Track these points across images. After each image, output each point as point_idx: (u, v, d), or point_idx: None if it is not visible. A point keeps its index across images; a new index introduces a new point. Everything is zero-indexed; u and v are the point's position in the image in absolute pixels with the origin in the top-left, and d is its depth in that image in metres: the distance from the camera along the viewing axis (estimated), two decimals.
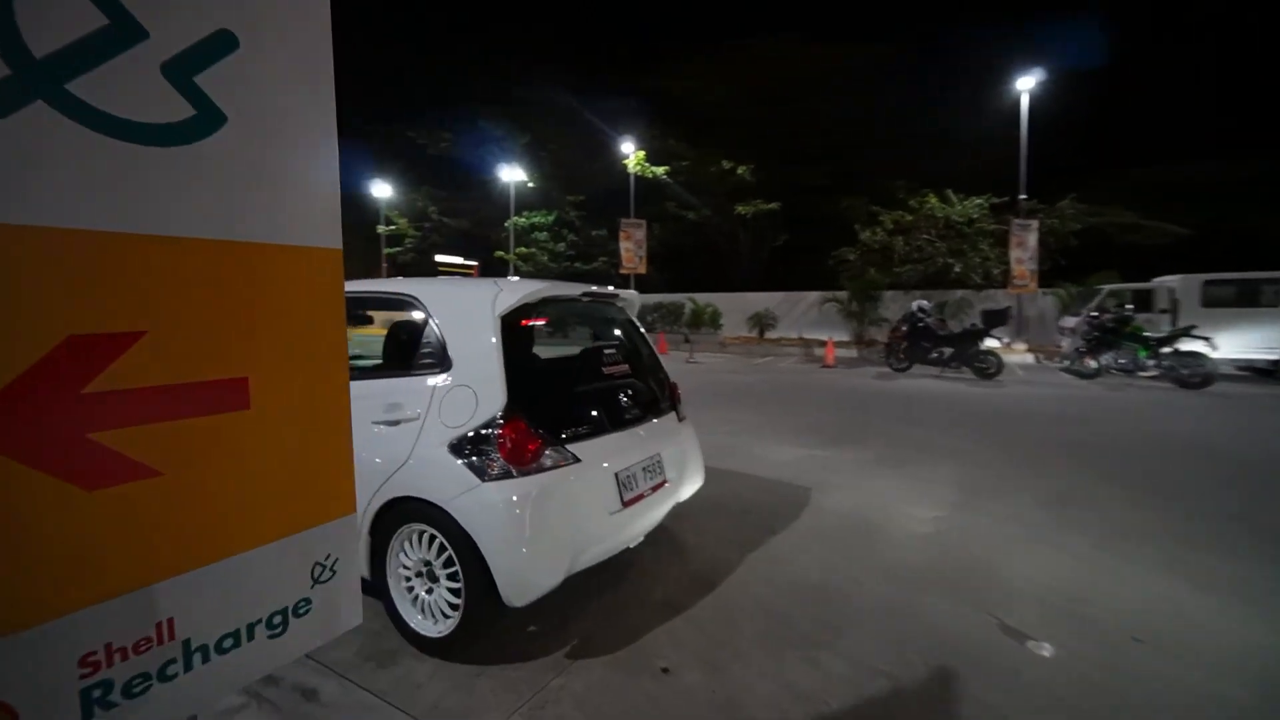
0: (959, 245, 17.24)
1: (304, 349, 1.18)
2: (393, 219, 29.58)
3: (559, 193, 27.27)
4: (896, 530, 3.65)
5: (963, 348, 11.06)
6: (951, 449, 5.68)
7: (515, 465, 2.23)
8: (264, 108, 1.08)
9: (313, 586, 1.21)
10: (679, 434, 3.20)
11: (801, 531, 3.62)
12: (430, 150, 29.00)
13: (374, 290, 2.85)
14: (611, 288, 3.14)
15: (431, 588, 2.33)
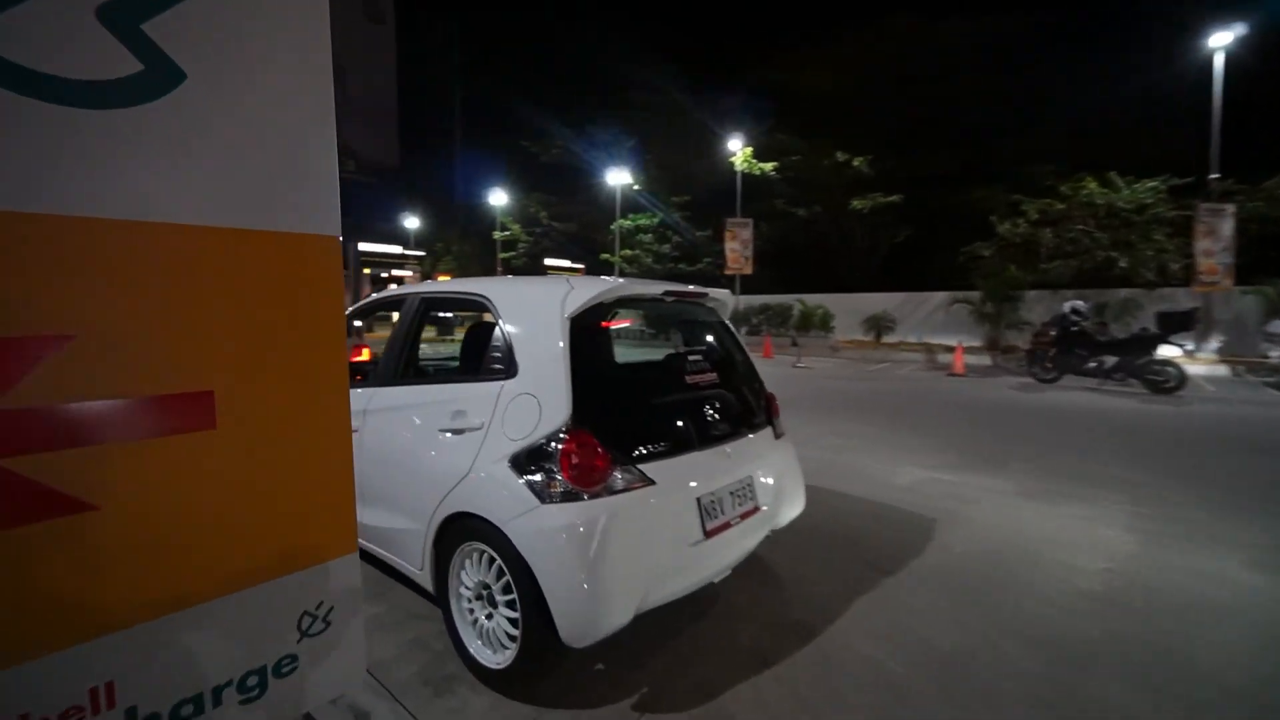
0: (1125, 236, 14.77)
1: (288, 356, 0.97)
2: (507, 224, 31.22)
3: (664, 194, 27.22)
4: (1051, 584, 2.96)
5: (1131, 356, 9.35)
6: (1120, 481, 4.67)
7: (579, 486, 1.97)
8: (236, 64, 0.89)
9: (300, 640, 1.01)
10: (775, 453, 2.80)
11: (924, 574, 3.05)
12: (542, 158, 30.22)
13: (447, 291, 2.75)
14: (696, 286, 2.81)
15: (491, 613, 2.14)
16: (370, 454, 2.68)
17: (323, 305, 1.02)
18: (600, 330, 2.39)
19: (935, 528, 3.68)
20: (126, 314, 0.81)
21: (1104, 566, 3.15)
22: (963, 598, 2.80)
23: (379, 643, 2.40)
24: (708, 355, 2.73)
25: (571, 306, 2.19)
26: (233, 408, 0.91)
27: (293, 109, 0.96)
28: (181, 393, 0.86)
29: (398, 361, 2.75)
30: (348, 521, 1.07)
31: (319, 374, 1.02)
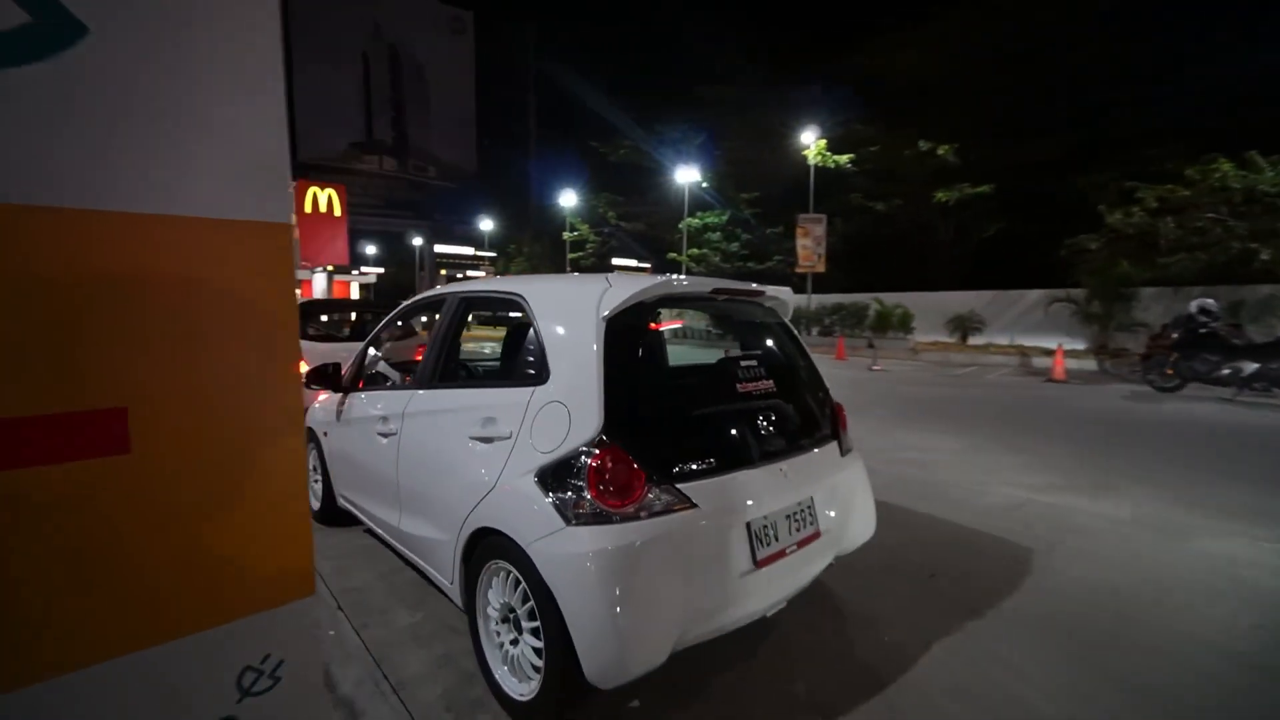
0: (1269, 224, 12.84)
1: (225, 363, 0.82)
2: (576, 225, 31.65)
3: (733, 191, 26.64)
4: (1181, 640, 2.45)
5: (1276, 362, 8.06)
6: (1270, 514, 3.92)
7: (610, 507, 1.77)
8: (155, 19, 0.73)
9: (240, 700, 0.86)
10: (841, 471, 2.47)
11: (1018, 618, 2.62)
12: (610, 158, 30.40)
13: (486, 290, 2.62)
14: (754, 284, 2.53)
15: (517, 638, 1.97)
16: (407, 459, 2.60)
17: (268, 303, 0.85)
18: (642, 332, 2.17)
19: (1032, 561, 3.19)
20: (7, 315, 0.67)
21: (1253, 623, 2.58)
22: (1065, 650, 2.37)
23: (409, 656, 2.30)
24: (763, 361, 2.45)
25: (608, 306, 1.98)
26: (152, 427, 0.77)
27: (228, 76, 0.81)
28: (85, 410, 0.72)
29: (435, 363, 2.66)
30: (302, 560, 0.91)
31: (263, 384, 0.86)
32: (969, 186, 19.94)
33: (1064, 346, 12.48)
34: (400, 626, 2.53)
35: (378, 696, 2.07)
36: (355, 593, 2.83)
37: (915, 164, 21.37)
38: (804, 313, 20.61)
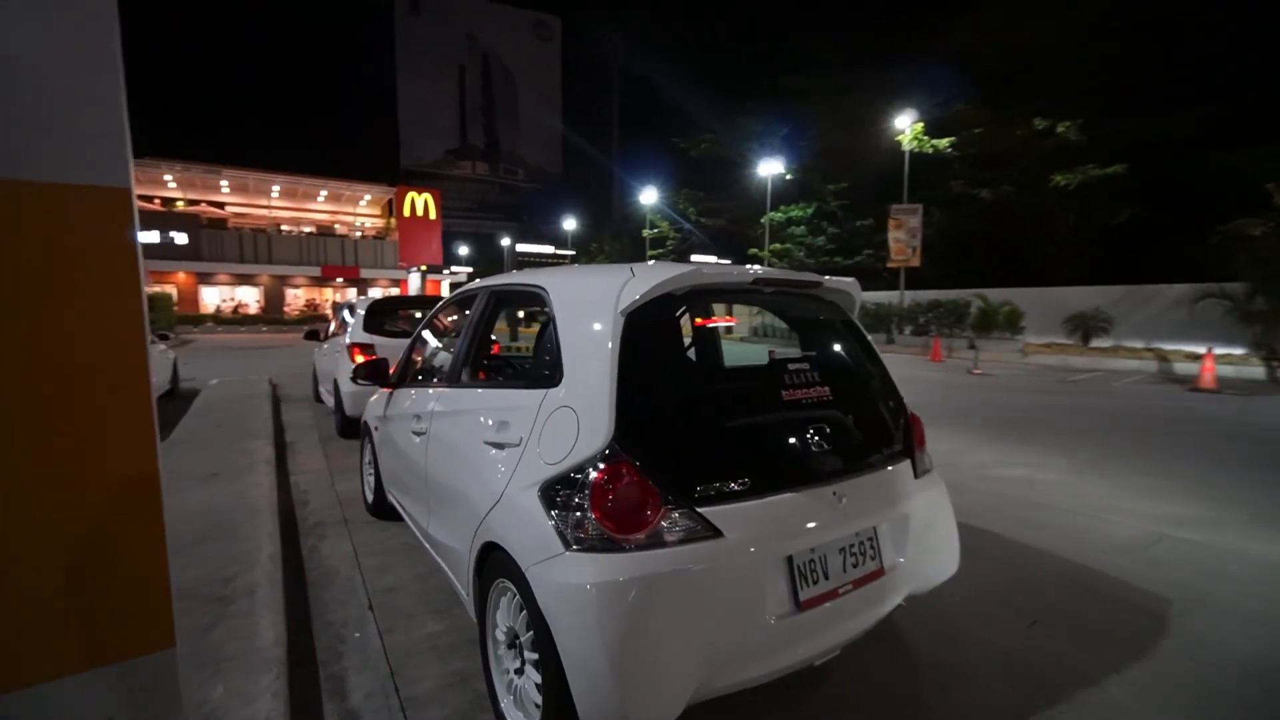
0: None
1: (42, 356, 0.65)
2: (655, 222, 31.53)
3: (819, 183, 25.37)
4: None
5: None
6: None
7: (615, 532, 1.51)
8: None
9: None
10: (915, 496, 2.07)
11: (1152, 689, 2.08)
12: (691, 153, 29.95)
13: (512, 283, 2.45)
14: (813, 274, 2.18)
15: (521, 667, 1.77)
16: (433, 459, 2.49)
17: (104, 283, 0.68)
18: (667, 329, 1.89)
19: (1171, 615, 2.58)
20: None
21: None
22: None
23: (425, 670, 2.18)
24: (819, 363, 2.09)
25: (628, 299, 1.73)
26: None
27: (57, 34, 0.63)
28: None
29: (461, 360, 2.52)
30: (158, 604, 0.73)
31: (99, 380, 0.68)
32: (1095, 168, 17.65)
33: (1215, 350, 10.69)
34: (423, 635, 2.41)
35: (384, 713, 1.94)
36: (389, 593, 2.77)
37: (1028, 145, 19.28)
38: (896, 310, 19.24)
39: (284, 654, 2.05)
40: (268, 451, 4.83)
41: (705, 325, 2.91)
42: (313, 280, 36.14)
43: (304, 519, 3.74)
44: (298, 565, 3.07)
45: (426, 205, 36.98)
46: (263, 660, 1.97)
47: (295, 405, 7.84)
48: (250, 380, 9.29)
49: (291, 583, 2.82)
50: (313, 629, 2.46)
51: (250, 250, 33.70)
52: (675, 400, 1.75)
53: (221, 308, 32.98)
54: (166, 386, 7.98)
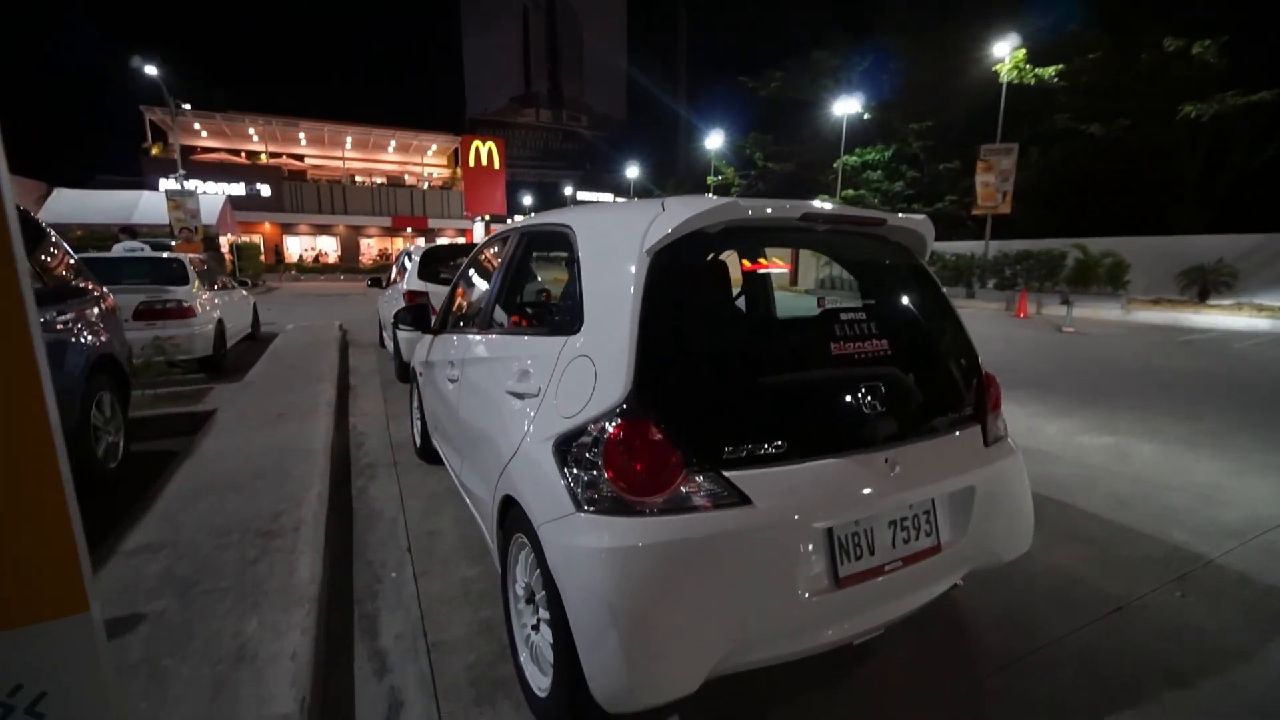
0: None
1: None
2: (720, 169, 30.23)
3: (900, 122, 23.30)
4: None
5: None
6: None
7: (629, 495, 1.38)
8: None
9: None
10: (984, 466, 1.81)
11: (1257, 701, 1.79)
12: (760, 92, 28.15)
13: (542, 222, 2.28)
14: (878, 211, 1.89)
15: (538, 623, 1.71)
16: (464, 407, 2.43)
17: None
18: (700, 272, 1.68)
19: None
20: None
21: None
22: None
23: (455, 615, 2.18)
24: (878, 314, 1.83)
25: (655, 236, 1.53)
26: None
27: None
28: None
29: (491, 306, 2.42)
30: (63, 570, 0.65)
31: None
32: (1237, 95, 15.14)
33: None
34: (457, 580, 2.43)
35: (410, 655, 1.96)
36: (428, 537, 2.81)
37: (1154, 73, 16.78)
38: (978, 262, 17.76)
39: (319, 591, 2.10)
40: (331, 395, 5.03)
41: (754, 271, 2.66)
42: (384, 230, 37.49)
43: (357, 460, 3.87)
44: (347, 506, 3.17)
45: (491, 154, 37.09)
46: (298, 597, 2.01)
47: (362, 350, 8.18)
48: (322, 326, 9.77)
49: (338, 522, 2.92)
50: (353, 568, 2.52)
51: (327, 201, 35.20)
52: (705, 352, 1.56)
53: (304, 257, 34.93)
54: (247, 330, 8.49)
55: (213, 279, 7.28)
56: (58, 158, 59.77)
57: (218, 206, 23.52)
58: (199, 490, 2.93)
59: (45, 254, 3.40)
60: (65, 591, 0.68)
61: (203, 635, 1.81)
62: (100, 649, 0.70)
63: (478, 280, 3.05)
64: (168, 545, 2.37)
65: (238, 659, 1.70)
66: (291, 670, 1.64)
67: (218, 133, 34.17)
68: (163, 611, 1.93)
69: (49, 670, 0.68)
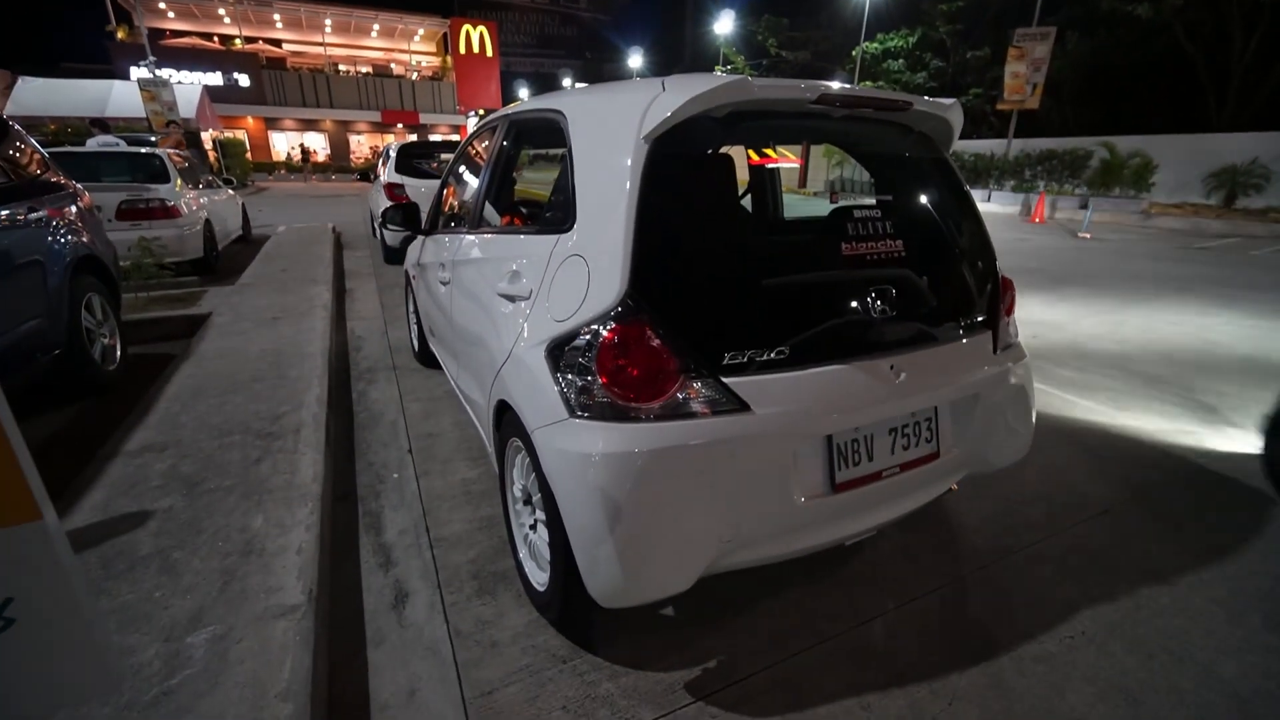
0: None
1: None
2: (730, 57, 27.96)
3: (928, 2, 21.22)
4: None
5: None
6: None
7: (624, 400, 1.34)
8: None
9: None
10: (990, 374, 1.77)
11: (1248, 597, 1.86)
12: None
13: (531, 109, 2.08)
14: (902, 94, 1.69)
15: (536, 523, 1.74)
16: (457, 310, 2.36)
17: None
18: (705, 163, 1.53)
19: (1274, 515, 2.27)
20: None
21: None
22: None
23: (456, 513, 2.24)
24: (894, 212, 1.70)
25: (654, 120, 1.38)
26: None
27: None
28: None
29: (480, 202, 2.27)
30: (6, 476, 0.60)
31: None
32: None
33: None
34: (457, 480, 2.48)
35: (414, 550, 2.03)
36: (428, 439, 2.85)
37: None
38: (998, 163, 16.88)
39: (321, 490, 2.14)
40: (327, 297, 4.94)
41: (762, 165, 2.47)
42: (374, 126, 35.50)
43: (356, 364, 3.86)
44: (347, 408, 3.19)
45: (483, 39, 34.31)
46: (300, 495, 2.05)
47: (357, 252, 7.98)
48: (315, 227, 9.48)
49: (340, 424, 2.95)
50: (355, 467, 2.57)
51: (311, 93, 33.01)
52: (705, 252, 1.45)
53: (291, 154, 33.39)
54: (238, 232, 8.25)
55: (196, 177, 6.95)
56: (20, 43, 55.35)
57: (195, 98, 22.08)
58: (198, 392, 2.94)
59: (11, 148, 3.18)
60: (11, 502, 0.64)
61: (210, 531, 1.86)
62: (61, 554, 0.68)
63: (467, 176, 2.86)
64: (170, 445, 2.40)
65: (245, 553, 1.75)
66: (298, 563, 1.70)
67: (186, 14, 31.39)
68: (170, 508, 1.98)
69: (11, 577, 0.66)
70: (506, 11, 64.06)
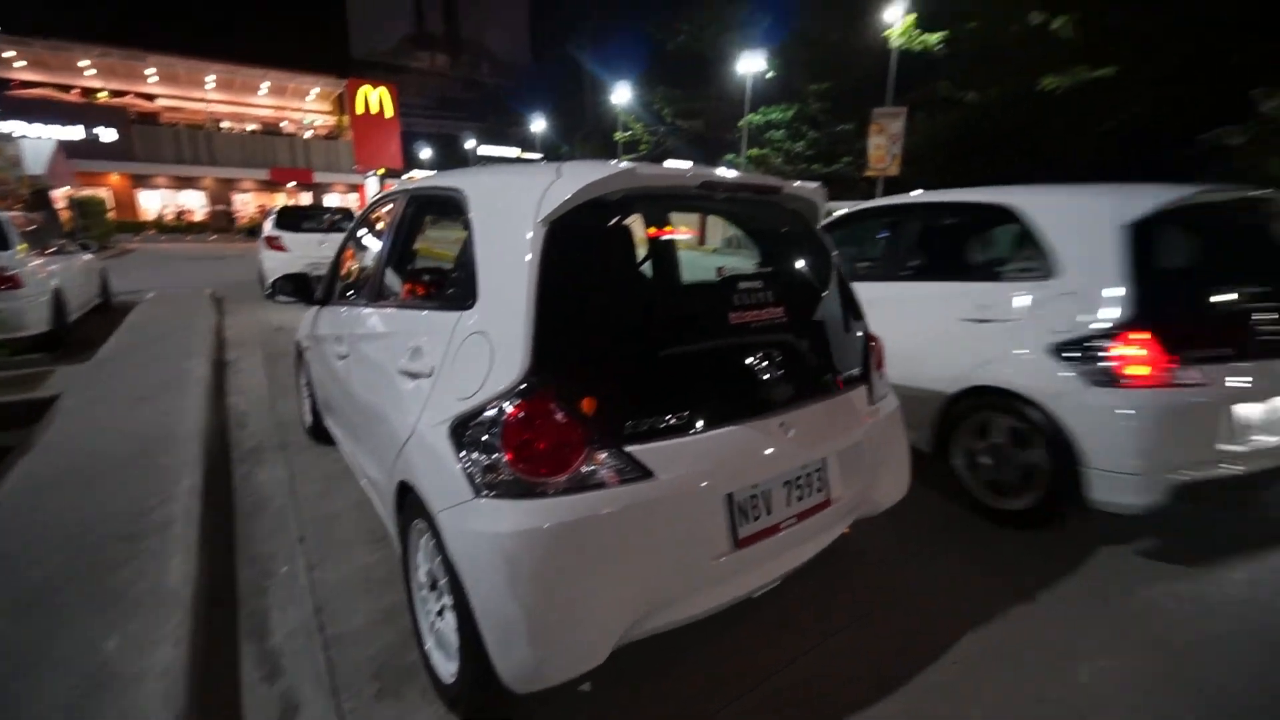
0: None
1: None
2: (629, 124, 29.65)
3: (801, 82, 23.85)
4: None
5: None
6: None
7: (530, 476, 1.34)
8: None
9: None
10: (870, 421, 1.95)
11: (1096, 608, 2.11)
12: (669, 45, 27.63)
13: (431, 185, 2.12)
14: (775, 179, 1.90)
15: (443, 609, 1.66)
16: (356, 386, 2.27)
17: None
18: (600, 241, 1.62)
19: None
20: None
21: None
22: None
23: (355, 604, 2.08)
24: (774, 281, 1.88)
25: (551, 204, 1.46)
26: None
27: None
28: None
29: (379, 276, 2.24)
30: None
31: None
32: (1087, 69, 16.76)
33: None
34: (356, 567, 2.31)
35: (305, 653, 1.86)
36: (324, 521, 2.65)
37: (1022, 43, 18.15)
38: None
39: (194, 594, 1.92)
40: (203, 371, 4.54)
41: (659, 237, 2.64)
42: (262, 184, 33.67)
43: (239, 443, 3.54)
44: (228, 496, 2.90)
45: (382, 101, 34.01)
46: (167, 604, 1.83)
47: (242, 318, 7.42)
48: (191, 292, 8.73)
49: (219, 515, 2.67)
50: (236, 564, 2.33)
51: (189, 149, 30.91)
52: (605, 326, 1.52)
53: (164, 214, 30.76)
54: (97, 299, 7.41)
55: (45, 241, 6.23)
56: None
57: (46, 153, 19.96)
58: (39, 490, 2.57)
59: None
60: None
61: (53, 659, 1.61)
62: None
63: (365, 247, 2.80)
64: (4, 558, 2.06)
65: (97, 683, 1.53)
66: (162, 689, 1.50)
67: (39, 63, 28.71)
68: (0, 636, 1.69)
69: None
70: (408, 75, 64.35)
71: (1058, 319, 2.37)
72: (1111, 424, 2.20)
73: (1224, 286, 2.42)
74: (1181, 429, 2.20)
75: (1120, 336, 2.21)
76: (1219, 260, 2.62)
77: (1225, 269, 2.54)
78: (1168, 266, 2.42)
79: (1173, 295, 2.34)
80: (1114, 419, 2.19)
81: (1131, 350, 2.19)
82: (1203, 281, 2.46)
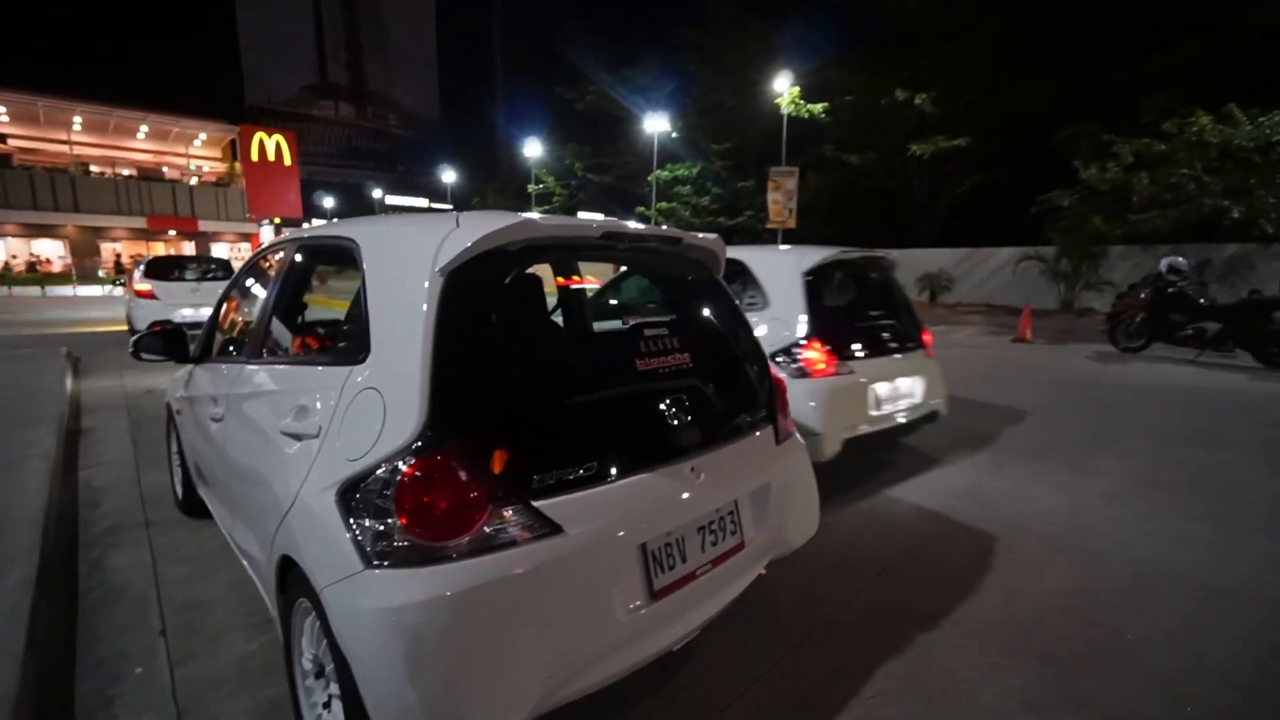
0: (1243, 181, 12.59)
1: None
2: (541, 178, 30.21)
3: (705, 142, 25.50)
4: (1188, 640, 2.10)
5: (1240, 324, 7.87)
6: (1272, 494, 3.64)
7: (427, 541, 1.26)
8: None
9: None
10: (777, 462, 2.01)
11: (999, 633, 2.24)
12: (579, 105, 28.75)
13: (320, 235, 2.02)
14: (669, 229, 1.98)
15: (330, 700, 1.48)
16: (231, 452, 2.05)
17: None
18: (502, 292, 1.60)
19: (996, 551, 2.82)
20: None
21: None
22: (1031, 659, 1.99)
23: (228, 704, 1.82)
24: (680, 328, 1.93)
25: (448, 255, 1.42)
26: None
27: None
28: None
29: (262, 331, 2.08)
30: None
31: None
32: (945, 139, 19.21)
33: (1032, 306, 12.27)
34: (232, 658, 2.03)
35: None
36: (194, 609, 2.32)
37: (892, 114, 20.53)
38: None
39: (15, 714, 1.59)
40: (48, 444, 3.93)
41: (569, 286, 2.65)
42: (137, 232, 30.80)
43: (91, 525, 3.08)
44: (71, 587, 2.49)
45: (280, 149, 32.54)
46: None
47: (104, 380, 6.58)
48: (39, 351, 7.66)
49: (57, 611, 2.27)
50: (77, 670, 1.97)
51: (47, 195, 27.83)
52: (506, 376, 1.49)
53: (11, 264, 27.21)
54: None
55: None
56: None
57: None
58: None
59: None
60: None
61: None
62: None
63: (247, 301, 2.60)
64: None
65: None
66: None
67: None
68: None
69: None
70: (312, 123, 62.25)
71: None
72: (801, 405, 2.97)
73: (860, 311, 3.82)
74: (846, 402, 3.25)
75: (807, 345, 3.24)
76: (857, 295, 4.11)
77: (860, 301, 4.01)
78: (828, 301, 3.61)
79: (832, 317, 3.47)
80: (802, 402, 3.01)
81: (812, 353, 3.22)
82: (849, 308, 3.90)
